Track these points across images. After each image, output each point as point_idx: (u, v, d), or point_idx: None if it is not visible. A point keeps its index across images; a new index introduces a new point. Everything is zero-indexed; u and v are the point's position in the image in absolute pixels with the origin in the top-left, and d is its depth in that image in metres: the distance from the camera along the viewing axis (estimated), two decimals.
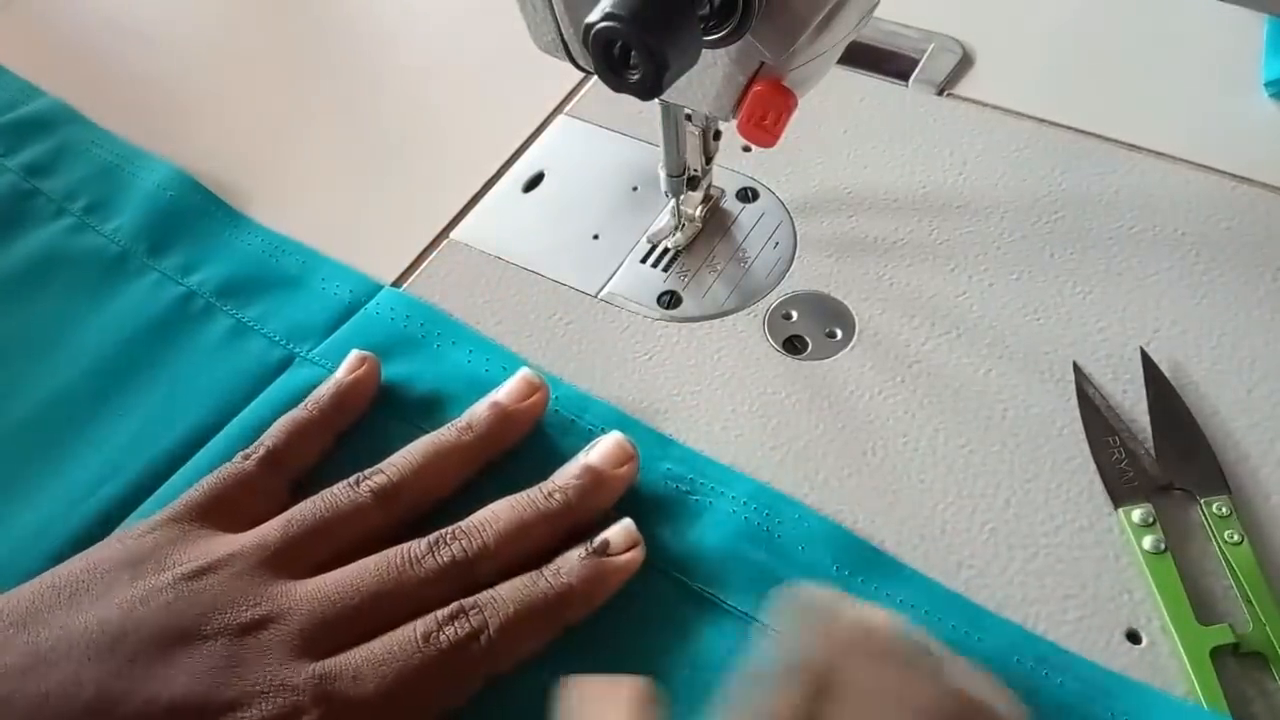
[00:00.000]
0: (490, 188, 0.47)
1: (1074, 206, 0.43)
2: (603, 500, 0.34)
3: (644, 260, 0.43)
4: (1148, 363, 0.37)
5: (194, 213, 0.46)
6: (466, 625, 0.29)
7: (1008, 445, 0.36)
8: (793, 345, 0.40)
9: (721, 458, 0.36)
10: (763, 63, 0.30)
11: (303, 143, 0.50)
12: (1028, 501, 0.35)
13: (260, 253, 0.45)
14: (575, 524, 0.33)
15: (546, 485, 0.33)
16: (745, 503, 0.35)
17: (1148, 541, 0.33)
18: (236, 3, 0.59)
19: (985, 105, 0.47)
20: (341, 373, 0.38)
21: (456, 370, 0.39)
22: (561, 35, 0.33)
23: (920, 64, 0.49)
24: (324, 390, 0.37)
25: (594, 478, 0.34)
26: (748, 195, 0.45)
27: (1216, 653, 0.30)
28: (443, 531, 0.31)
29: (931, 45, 0.50)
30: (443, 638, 0.29)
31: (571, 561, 0.31)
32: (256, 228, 0.46)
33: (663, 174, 0.41)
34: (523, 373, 0.37)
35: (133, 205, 0.47)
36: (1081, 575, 0.33)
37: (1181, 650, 0.31)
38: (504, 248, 0.44)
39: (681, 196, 0.42)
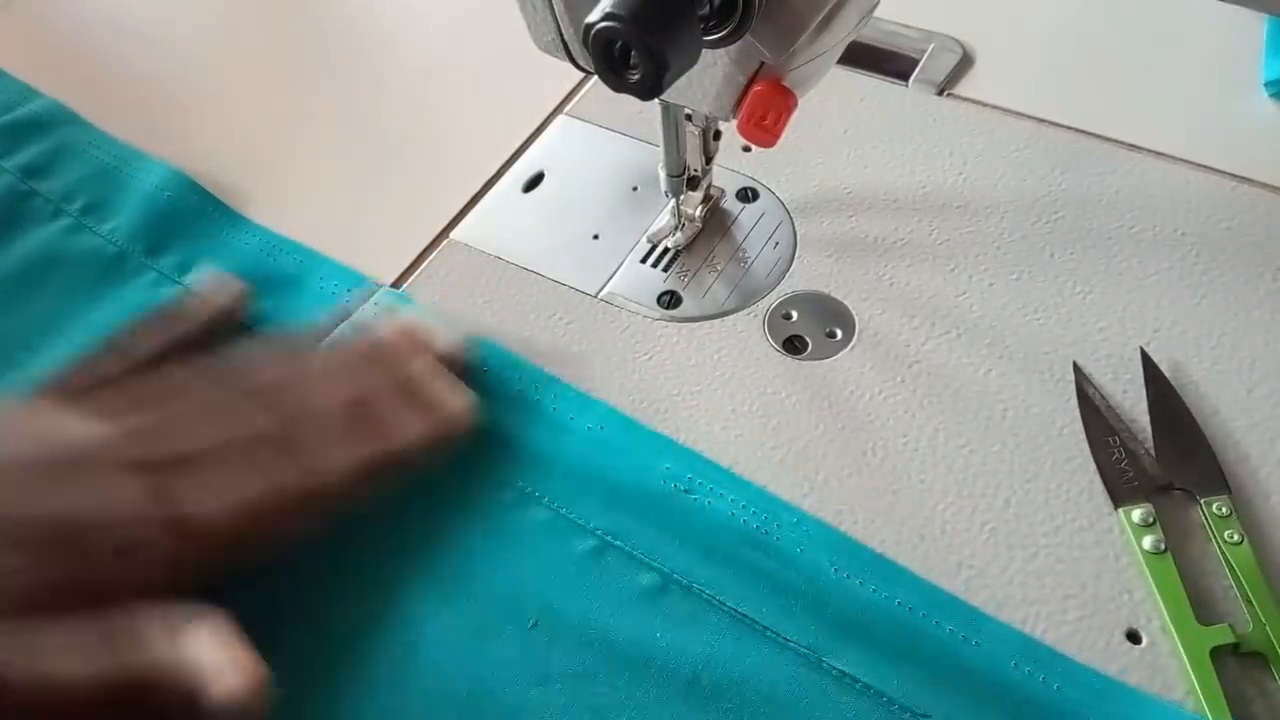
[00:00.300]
0: (490, 188, 0.47)
1: (1074, 206, 0.43)
2: (416, 353, 0.36)
3: (644, 260, 0.43)
4: (1148, 363, 0.37)
5: (191, 213, 0.46)
6: (293, 454, 0.32)
7: (1008, 445, 0.36)
8: (793, 345, 0.40)
9: (721, 458, 0.36)
10: (763, 63, 0.30)
11: (303, 143, 0.50)
12: (1028, 501, 0.35)
13: (258, 252, 0.44)
14: (399, 381, 0.36)
15: (362, 341, 0.37)
16: (744, 505, 0.35)
17: (1148, 541, 0.33)
18: (237, 3, 0.59)
19: (985, 105, 0.47)
20: (207, 289, 0.40)
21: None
22: (561, 35, 0.33)
23: (920, 64, 0.49)
24: (189, 301, 0.40)
25: (402, 334, 0.37)
26: (748, 195, 0.45)
27: (1216, 653, 0.30)
28: (268, 382, 0.34)
29: (931, 45, 0.50)
30: (269, 462, 0.32)
31: (394, 403, 0.34)
32: (254, 227, 0.46)
33: (663, 174, 0.41)
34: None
35: (130, 206, 0.46)
36: (1081, 575, 0.33)
37: (1181, 650, 0.31)
38: (504, 248, 0.44)
39: (681, 196, 0.42)
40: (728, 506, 0.35)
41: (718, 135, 0.40)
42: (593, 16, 0.25)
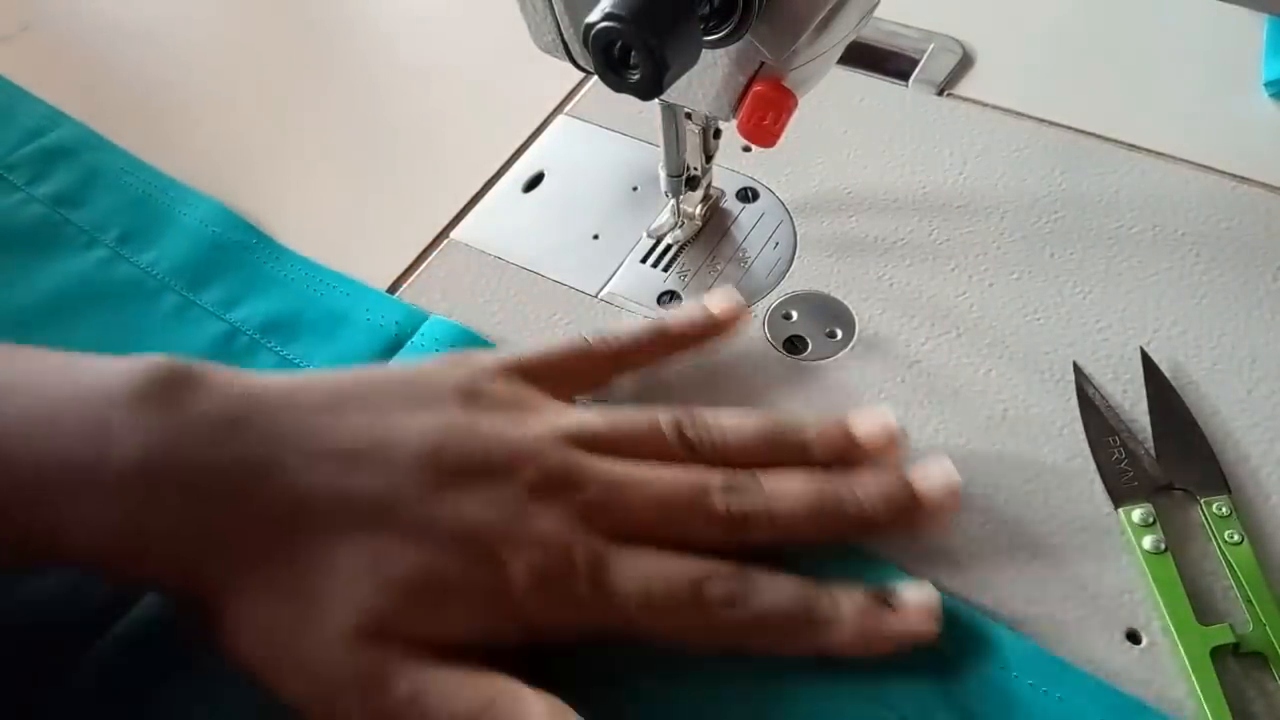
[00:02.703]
0: (490, 188, 0.47)
1: (1074, 206, 0.43)
2: (914, 525, 0.33)
3: (644, 260, 0.43)
4: (1148, 362, 0.37)
5: (237, 246, 0.44)
6: (744, 593, 0.29)
7: (1007, 445, 0.36)
8: (793, 345, 0.40)
9: None
10: (763, 63, 0.30)
11: (303, 143, 0.50)
12: (1027, 501, 0.35)
13: (304, 286, 0.43)
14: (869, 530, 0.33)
15: (855, 481, 0.32)
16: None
17: (1148, 541, 0.33)
18: (237, 5, 0.59)
19: (985, 105, 0.47)
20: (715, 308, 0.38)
21: None
22: (561, 35, 0.33)
23: (920, 64, 0.49)
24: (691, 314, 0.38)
25: (913, 497, 0.33)
26: (748, 195, 0.45)
27: (1217, 653, 0.30)
28: (740, 479, 0.31)
29: (931, 45, 0.50)
30: (709, 595, 0.29)
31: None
32: (300, 260, 0.44)
33: (663, 174, 0.41)
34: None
35: (171, 238, 0.45)
36: (1081, 575, 0.33)
37: (1181, 650, 0.31)
38: (504, 248, 0.44)
39: (681, 196, 0.42)
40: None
41: (718, 133, 0.40)
42: (593, 16, 0.25)
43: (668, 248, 0.44)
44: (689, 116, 0.38)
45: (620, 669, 0.31)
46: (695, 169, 0.41)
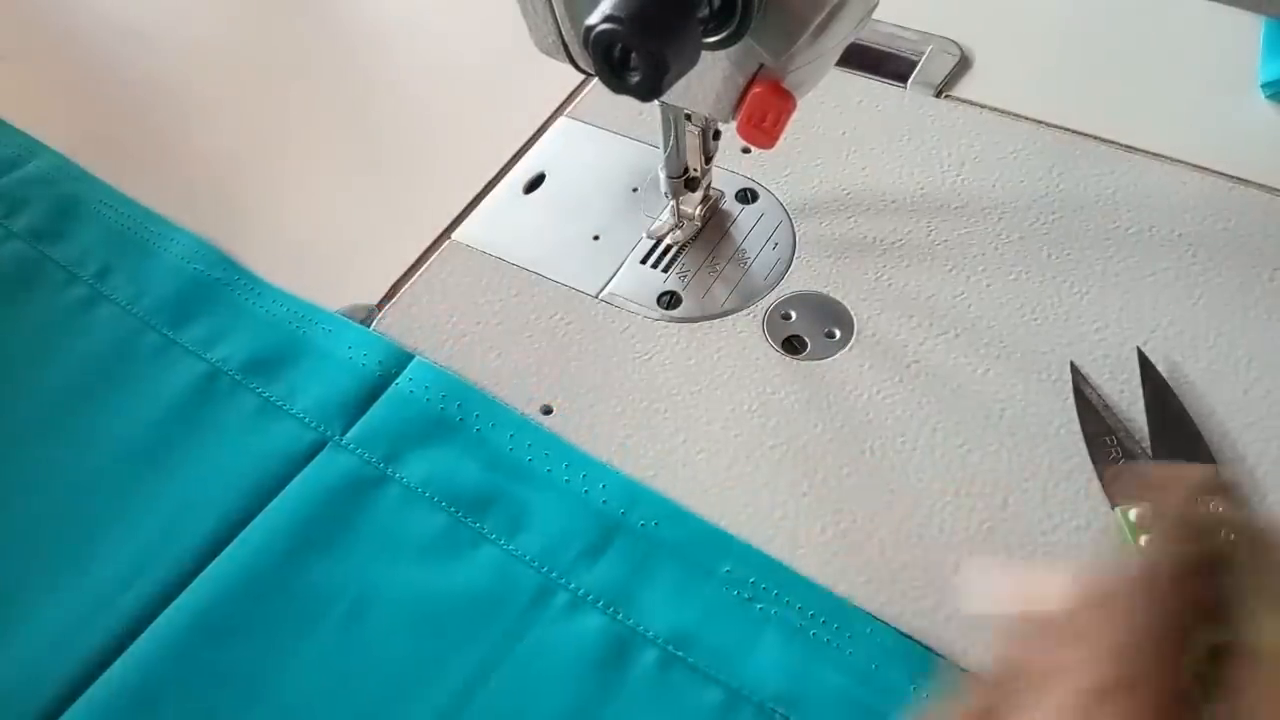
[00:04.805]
0: (491, 189, 0.47)
1: (1071, 207, 0.43)
2: None
3: (644, 261, 0.44)
4: (1144, 362, 0.38)
5: (218, 283, 0.44)
6: None
7: (1005, 445, 0.36)
8: (792, 345, 0.40)
9: (721, 457, 0.37)
10: (762, 64, 0.30)
11: (304, 145, 0.51)
12: (1025, 500, 0.35)
13: (285, 322, 0.42)
14: None
15: None
16: (811, 615, 0.33)
17: (1145, 540, 0.33)
18: (238, 8, 0.60)
19: (983, 107, 0.48)
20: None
21: (498, 458, 0.37)
22: (562, 37, 0.33)
23: (918, 66, 0.50)
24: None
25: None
26: (747, 196, 0.46)
27: None
28: None
29: (930, 47, 0.50)
30: None
31: None
32: (281, 295, 0.43)
33: (663, 175, 0.41)
34: None
35: (151, 273, 0.44)
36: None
37: None
38: (505, 249, 0.45)
39: (681, 197, 0.42)
40: (795, 617, 0.33)
41: (717, 135, 0.40)
42: (593, 19, 0.25)
43: (668, 248, 0.44)
44: (689, 118, 0.39)
45: None
46: (695, 170, 0.41)
